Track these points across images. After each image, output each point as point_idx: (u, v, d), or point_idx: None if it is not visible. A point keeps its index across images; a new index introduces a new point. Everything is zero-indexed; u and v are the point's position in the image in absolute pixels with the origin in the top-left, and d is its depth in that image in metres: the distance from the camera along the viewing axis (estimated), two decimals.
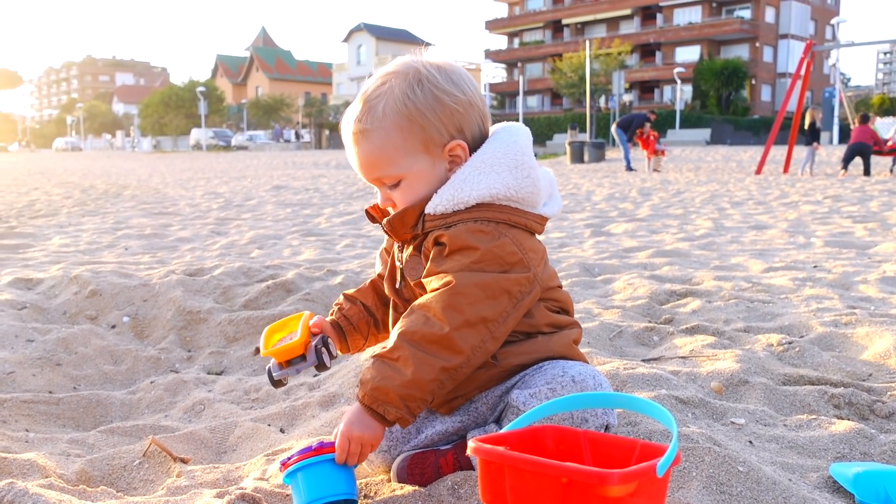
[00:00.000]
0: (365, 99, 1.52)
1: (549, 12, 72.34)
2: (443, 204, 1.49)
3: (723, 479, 1.46)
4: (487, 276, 1.43)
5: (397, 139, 1.49)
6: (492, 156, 1.50)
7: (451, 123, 1.51)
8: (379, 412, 1.41)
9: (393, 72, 1.53)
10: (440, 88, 1.50)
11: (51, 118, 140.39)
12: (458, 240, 1.45)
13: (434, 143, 1.50)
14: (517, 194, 1.50)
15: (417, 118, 1.48)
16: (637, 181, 14.27)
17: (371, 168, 1.53)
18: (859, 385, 2.17)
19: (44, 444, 2.04)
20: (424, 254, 1.52)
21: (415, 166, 1.51)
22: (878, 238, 5.89)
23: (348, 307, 1.76)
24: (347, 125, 1.54)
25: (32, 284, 3.74)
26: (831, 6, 69.60)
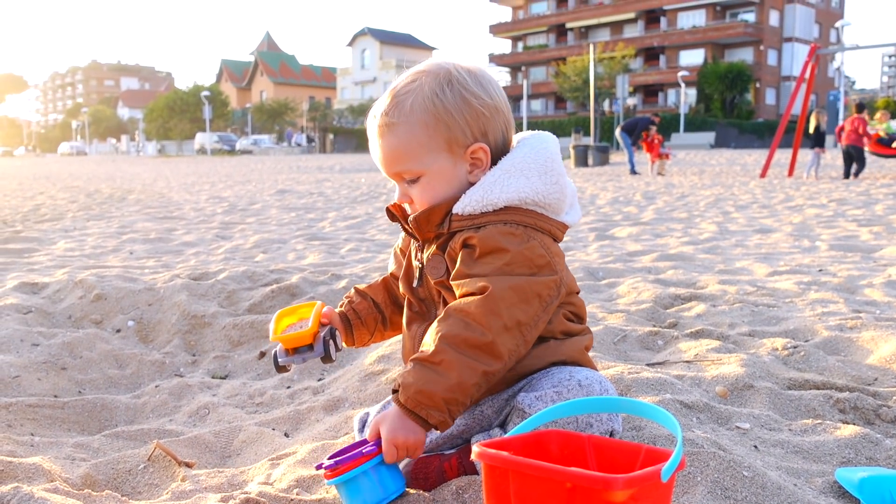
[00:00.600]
0: (394, 94, 1.53)
1: (553, 16, 72.41)
2: (471, 204, 1.50)
3: (728, 483, 1.46)
4: (520, 279, 1.44)
5: (422, 135, 1.50)
6: (522, 160, 1.52)
7: (477, 126, 1.52)
8: (422, 416, 1.39)
9: (424, 70, 1.54)
10: (469, 90, 1.52)
11: (56, 123, 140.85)
12: (488, 241, 1.46)
13: (458, 143, 1.52)
14: (544, 200, 1.52)
15: (444, 117, 1.50)
16: (641, 185, 14.26)
17: (393, 161, 1.54)
18: (865, 389, 2.16)
19: (49, 448, 2.05)
20: (449, 254, 1.52)
21: (436, 164, 1.52)
22: (883, 241, 5.88)
23: (358, 301, 1.77)
24: (374, 118, 1.55)
25: (38, 289, 3.75)
26: (836, 9, 69.53)
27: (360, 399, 2.35)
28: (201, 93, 68.30)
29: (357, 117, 71.76)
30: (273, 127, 76.25)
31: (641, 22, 66.92)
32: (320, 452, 1.87)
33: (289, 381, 2.68)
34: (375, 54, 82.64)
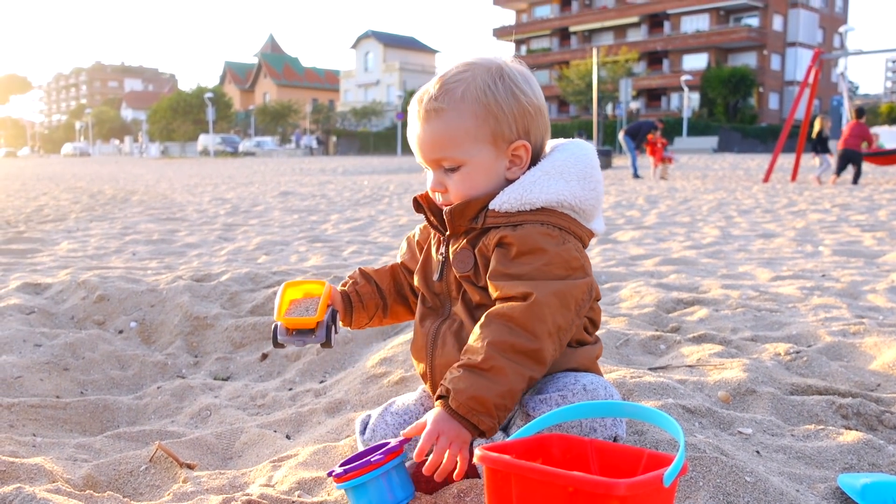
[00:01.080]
0: (443, 80, 1.52)
1: (556, 20, 72.46)
2: (509, 202, 1.50)
3: (730, 489, 1.45)
4: (560, 283, 1.44)
5: (470, 124, 1.50)
6: (563, 163, 1.54)
7: (522, 123, 1.53)
8: (473, 422, 1.38)
9: (475, 62, 1.54)
10: (519, 87, 1.53)
11: (60, 123, 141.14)
12: (527, 241, 1.46)
13: (503, 138, 1.52)
14: (581, 205, 1.52)
15: (494, 109, 1.50)
16: (644, 189, 14.26)
17: (436, 147, 1.53)
18: (867, 395, 2.16)
19: (51, 449, 2.05)
20: (481, 250, 1.52)
21: (479, 155, 1.52)
22: (886, 247, 5.87)
23: (363, 284, 1.75)
24: (420, 102, 1.54)
25: (40, 289, 3.75)
26: (839, 14, 69.50)
27: (362, 401, 2.35)
28: (205, 94, 68.39)
29: (360, 120, 71.83)
30: (276, 129, 76.32)
31: (645, 26, 66.92)
32: (321, 455, 1.87)
33: (290, 384, 2.68)
34: (379, 57, 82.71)
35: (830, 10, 68.49)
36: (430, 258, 1.65)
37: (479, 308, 1.54)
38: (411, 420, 1.64)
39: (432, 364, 1.58)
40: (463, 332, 1.55)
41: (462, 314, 1.57)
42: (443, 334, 1.58)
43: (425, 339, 1.61)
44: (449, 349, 1.55)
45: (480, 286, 1.53)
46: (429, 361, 1.59)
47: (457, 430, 1.39)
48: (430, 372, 1.59)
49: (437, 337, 1.59)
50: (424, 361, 1.60)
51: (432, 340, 1.59)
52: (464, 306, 1.57)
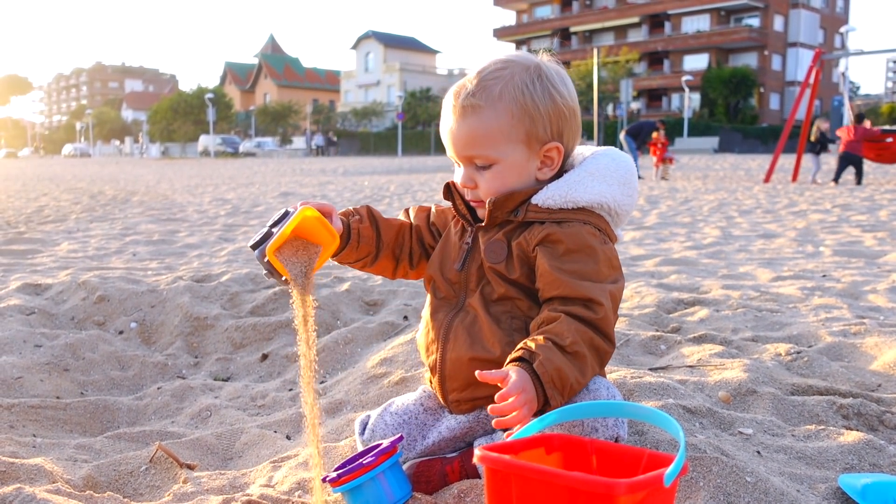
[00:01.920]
0: (481, 77, 1.52)
1: (557, 20, 72.45)
2: (553, 198, 1.52)
3: (730, 489, 1.45)
4: (613, 286, 1.47)
5: (505, 123, 1.50)
6: (605, 166, 1.56)
7: (556, 125, 1.54)
8: (548, 394, 1.35)
9: (513, 60, 1.54)
10: (556, 88, 1.54)
11: (60, 124, 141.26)
12: (576, 239, 1.48)
13: (537, 138, 1.53)
14: (618, 208, 1.55)
15: (531, 109, 1.51)
16: (645, 189, 14.25)
17: (470, 144, 1.53)
18: (868, 395, 2.16)
19: (51, 450, 2.05)
20: (520, 244, 1.52)
21: (512, 155, 1.53)
22: (887, 247, 5.87)
23: (366, 226, 1.67)
24: (456, 97, 1.53)
25: (41, 290, 3.75)
26: (840, 14, 69.50)
27: (362, 402, 2.35)
28: (205, 95, 68.40)
29: (360, 120, 71.84)
30: (277, 129, 76.34)
31: (645, 26, 66.92)
32: (321, 455, 1.86)
33: (291, 384, 2.68)
34: (379, 57, 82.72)
35: (831, 11, 68.49)
36: (449, 246, 1.64)
37: (498, 302, 1.54)
38: (410, 420, 1.64)
39: (443, 358, 1.57)
40: (476, 327, 1.54)
41: (478, 307, 1.55)
42: (455, 328, 1.57)
43: (437, 332, 1.59)
44: (461, 343, 1.54)
45: (510, 279, 1.53)
46: (440, 355, 1.58)
47: (533, 392, 1.33)
48: (440, 365, 1.58)
49: (450, 331, 1.57)
50: (435, 354, 1.59)
51: (444, 334, 1.58)
52: (481, 299, 1.56)
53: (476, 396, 1.56)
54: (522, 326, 1.52)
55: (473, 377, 1.53)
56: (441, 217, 1.72)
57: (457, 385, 1.57)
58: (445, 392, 1.60)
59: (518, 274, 1.52)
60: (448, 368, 1.57)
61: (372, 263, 1.71)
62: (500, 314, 1.53)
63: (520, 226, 1.54)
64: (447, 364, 1.57)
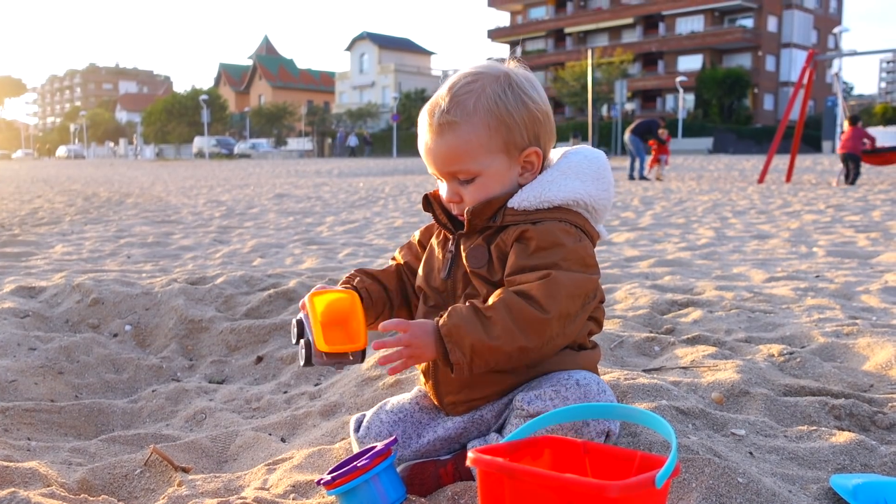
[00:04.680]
0: (453, 93, 1.53)
1: (551, 21, 72.54)
2: (528, 200, 1.53)
3: (722, 490, 1.46)
4: (575, 274, 1.47)
5: (483, 136, 1.52)
6: (578, 164, 1.58)
7: (532, 130, 1.56)
8: (447, 346, 1.41)
9: (482, 72, 1.56)
10: (528, 95, 1.55)
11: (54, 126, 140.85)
12: (547, 236, 1.49)
13: (515, 146, 1.55)
14: (594, 204, 1.56)
15: (506, 119, 1.52)
16: (639, 190, 14.28)
17: (450, 160, 1.54)
18: (860, 396, 2.17)
19: (45, 453, 2.05)
20: (498, 246, 1.54)
21: (493, 165, 1.54)
22: (880, 248, 5.89)
23: (370, 283, 1.71)
24: (431, 115, 1.54)
25: (35, 293, 3.75)
26: (834, 15, 69.71)
27: (357, 404, 2.35)
28: (200, 96, 68.26)
29: (355, 121, 71.78)
30: (271, 131, 76.21)
31: (640, 27, 67.03)
32: (317, 458, 1.87)
33: (285, 387, 2.68)
34: (374, 59, 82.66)
35: (825, 11, 68.70)
36: (434, 256, 1.66)
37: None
38: (406, 419, 1.64)
39: (435, 363, 1.58)
40: None
41: None
42: None
43: None
44: None
45: (493, 281, 1.54)
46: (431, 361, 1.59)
47: (425, 342, 1.42)
48: (433, 369, 1.60)
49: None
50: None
51: None
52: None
53: (471, 398, 1.58)
54: None
55: (467, 379, 1.54)
56: (426, 233, 1.75)
57: (451, 388, 1.58)
58: (440, 395, 1.61)
59: (500, 276, 1.53)
60: (441, 373, 1.58)
61: (392, 315, 1.75)
62: None
63: (499, 229, 1.55)
64: (440, 368, 1.58)
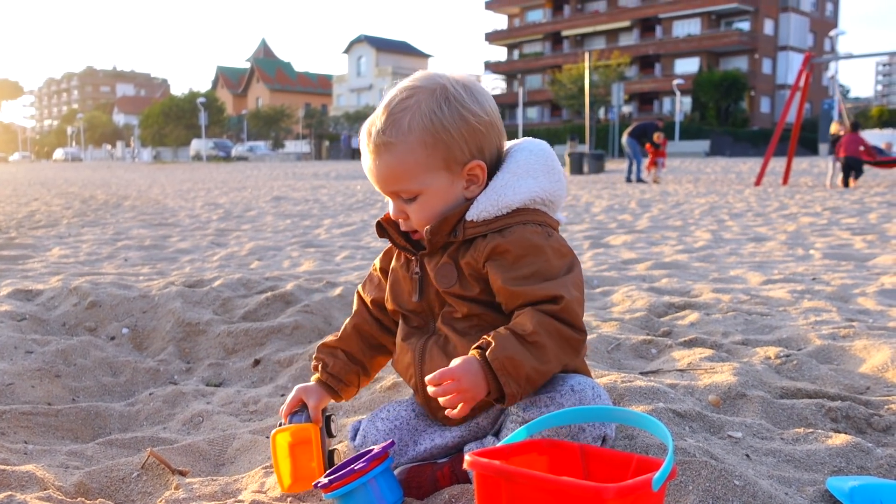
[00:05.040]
0: (389, 110, 1.50)
1: (548, 24, 72.66)
2: (486, 210, 1.50)
3: (719, 493, 1.46)
4: (572, 276, 1.48)
5: (420, 155, 1.49)
6: (526, 162, 1.55)
7: (474, 143, 1.52)
8: (500, 381, 1.37)
9: (418, 86, 1.51)
10: (466, 108, 1.50)
11: (51, 129, 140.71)
12: (521, 243, 1.48)
13: (456, 161, 1.51)
14: (550, 197, 1.55)
15: (443, 136, 1.48)
16: (636, 193, 14.29)
17: (390, 181, 1.52)
18: (857, 398, 2.17)
19: (42, 456, 2.04)
20: (468, 262, 1.51)
21: (434, 183, 1.51)
22: (876, 250, 5.90)
23: (332, 363, 1.74)
24: (369, 136, 1.53)
25: (32, 296, 3.74)
26: (830, 18, 69.89)
27: (354, 407, 2.35)
28: (197, 99, 68.31)
29: (353, 124, 71.81)
30: (269, 133, 76.20)
31: (637, 30, 67.17)
32: None
33: (283, 390, 2.68)
34: (371, 62, 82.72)
35: (821, 14, 68.88)
36: (401, 281, 1.64)
37: (464, 320, 1.55)
38: (402, 426, 1.64)
39: (422, 377, 1.57)
40: (449, 346, 1.55)
41: (446, 328, 1.56)
42: (430, 348, 1.58)
43: (412, 356, 1.61)
44: (437, 362, 1.55)
45: (469, 297, 1.52)
46: (418, 376, 1.59)
47: (476, 382, 1.37)
48: (421, 385, 1.59)
49: (425, 352, 1.58)
50: (414, 377, 1.60)
51: (420, 356, 1.59)
52: (447, 320, 1.57)
53: None
54: None
55: None
56: (385, 259, 1.73)
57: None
58: (433, 410, 1.61)
59: (476, 291, 1.52)
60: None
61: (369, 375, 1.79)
62: (468, 330, 1.54)
63: (463, 244, 1.53)
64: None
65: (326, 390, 1.72)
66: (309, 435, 1.65)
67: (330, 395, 1.73)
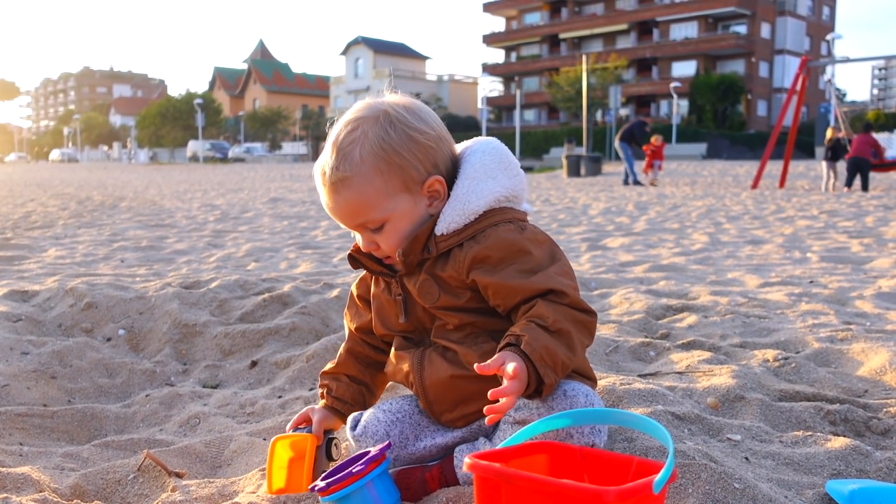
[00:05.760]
0: (338, 147, 1.50)
1: (546, 27, 72.75)
2: (454, 220, 1.50)
3: (719, 495, 1.46)
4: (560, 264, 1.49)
5: (378, 183, 1.48)
6: (482, 164, 1.55)
7: (427, 160, 1.52)
8: (540, 373, 1.35)
9: (361, 117, 1.52)
10: (412, 127, 1.51)
11: (48, 129, 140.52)
12: (499, 245, 1.48)
13: (414, 181, 1.51)
14: (513, 193, 1.56)
15: (396, 159, 1.49)
16: (634, 195, 14.31)
17: (354, 215, 1.52)
18: (855, 401, 2.17)
19: (38, 458, 2.03)
20: (449, 274, 1.51)
21: (398, 207, 1.51)
22: (873, 253, 5.91)
23: (335, 387, 1.74)
24: (324, 176, 1.52)
25: (28, 296, 3.73)
26: (826, 22, 70.11)
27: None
28: (194, 100, 68.21)
29: None
30: (266, 135, 76.16)
31: (634, 33, 67.28)
32: None
33: (280, 391, 2.67)
34: (369, 63, 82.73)
35: (818, 18, 69.07)
36: (385, 305, 1.64)
37: (458, 330, 1.54)
38: (404, 418, 1.64)
39: (423, 385, 1.58)
40: (448, 353, 1.55)
41: (442, 341, 1.56)
42: (429, 355, 1.58)
43: (411, 363, 1.60)
44: (437, 367, 1.55)
45: (459, 307, 1.52)
46: (419, 383, 1.58)
47: (525, 375, 1.35)
48: (423, 391, 1.59)
49: (423, 359, 1.58)
50: (415, 384, 1.60)
51: (419, 363, 1.58)
52: (441, 333, 1.57)
53: (467, 413, 1.57)
54: (490, 339, 1.53)
55: (460, 395, 1.54)
56: (363, 286, 1.74)
57: (445, 406, 1.58)
58: (437, 414, 1.61)
59: (465, 299, 1.51)
60: (431, 393, 1.57)
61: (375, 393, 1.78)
62: (463, 339, 1.54)
63: (439, 258, 1.53)
64: (429, 390, 1.57)
65: (333, 413, 1.73)
66: (305, 447, 1.65)
67: (337, 417, 1.73)
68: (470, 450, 1.53)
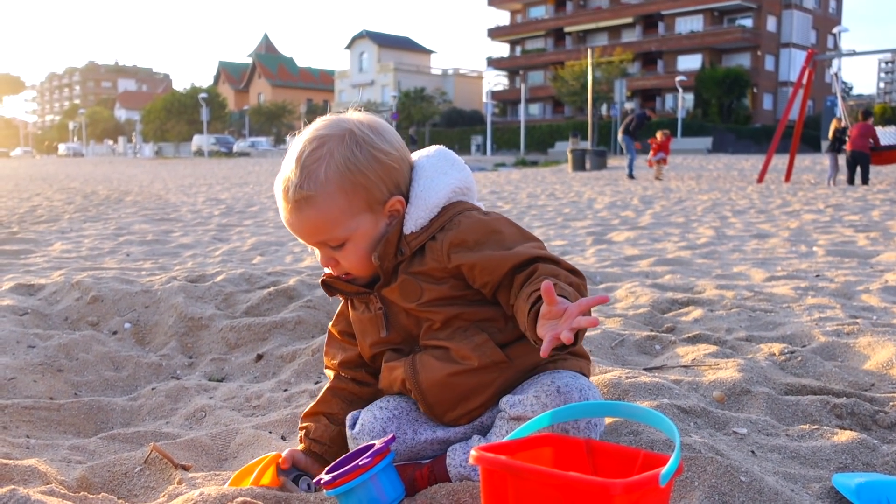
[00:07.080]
0: (302, 165, 1.49)
1: (551, 20, 72.53)
2: (420, 218, 1.53)
3: (725, 489, 1.46)
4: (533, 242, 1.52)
5: (342, 202, 1.49)
6: (432, 165, 1.59)
7: (390, 180, 1.54)
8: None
9: (326, 134, 1.52)
10: (377, 148, 1.52)
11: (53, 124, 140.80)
12: (471, 227, 1.50)
13: (377, 201, 1.53)
14: (465, 185, 1.60)
15: (360, 179, 1.49)
16: (639, 189, 14.28)
17: (316, 233, 1.52)
18: (861, 395, 2.17)
19: (45, 451, 2.04)
20: (428, 270, 1.52)
21: (360, 226, 1.52)
22: (879, 247, 5.89)
23: (314, 429, 1.73)
24: (286, 193, 1.51)
25: (34, 290, 3.74)
26: (833, 15, 69.74)
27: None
28: (199, 95, 68.30)
29: None
30: (271, 129, 76.19)
31: (639, 27, 67.03)
32: None
33: (286, 385, 2.68)
34: (373, 57, 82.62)
35: (824, 11, 68.73)
36: (367, 324, 1.64)
37: (446, 326, 1.54)
38: (400, 415, 1.63)
39: (421, 389, 1.57)
40: (439, 351, 1.55)
41: (432, 342, 1.56)
42: (420, 358, 1.57)
43: (405, 373, 1.59)
44: (432, 367, 1.55)
45: (442, 299, 1.52)
46: (416, 388, 1.58)
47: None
48: (421, 395, 1.58)
49: (416, 364, 1.57)
50: (412, 389, 1.59)
51: (412, 370, 1.58)
52: (429, 335, 1.56)
53: (469, 409, 1.56)
54: (479, 330, 1.53)
55: (460, 392, 1.53)
56: (342, 322, 1.74)
57: (447, 406, 1.57)
58: (439, 416, 1.60)
59: (448, 285, 1.52)
60: (430, 396, 1.57)
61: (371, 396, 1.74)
62: (453, 334, 1.54)
63: (413, 256, 1.54)
64: (427, 393, 1.56)
65: (313, 457, 1.71)
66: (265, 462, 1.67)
67: (316, 461, 1.70)
68: (463, 448, 1.53)
